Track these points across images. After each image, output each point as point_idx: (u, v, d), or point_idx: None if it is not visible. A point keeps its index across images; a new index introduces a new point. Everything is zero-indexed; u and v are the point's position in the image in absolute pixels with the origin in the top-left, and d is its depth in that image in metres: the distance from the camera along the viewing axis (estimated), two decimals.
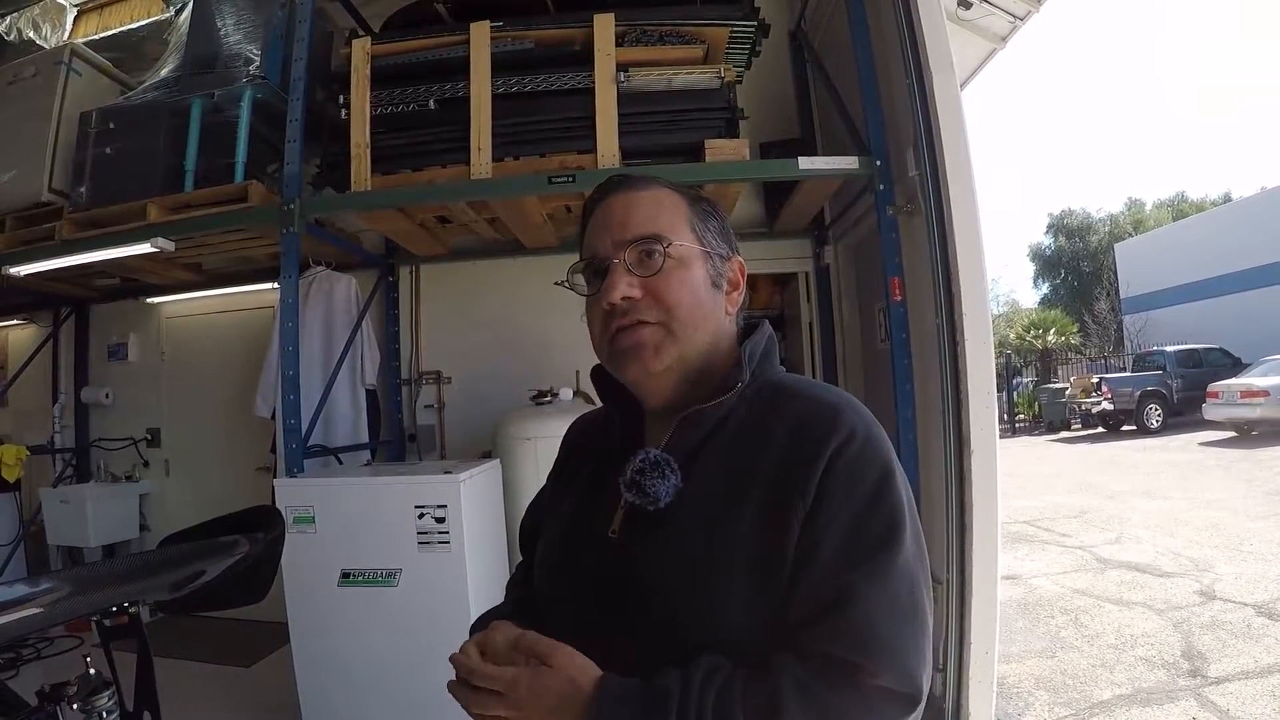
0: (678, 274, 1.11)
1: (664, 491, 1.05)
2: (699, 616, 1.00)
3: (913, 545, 0.98)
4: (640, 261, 1.11)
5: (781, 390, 1.13)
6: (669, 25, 4.27)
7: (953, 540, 3.34)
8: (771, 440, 1.05)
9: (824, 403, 1.07)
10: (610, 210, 1.17)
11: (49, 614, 1.24)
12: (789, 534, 0.98)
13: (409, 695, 3.55)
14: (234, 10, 4.79)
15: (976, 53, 5.70)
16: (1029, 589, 6.26)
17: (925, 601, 0.98)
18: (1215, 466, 12.01)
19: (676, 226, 1.14)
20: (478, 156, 4.09)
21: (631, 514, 1.09)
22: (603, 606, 1.06)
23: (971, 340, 3.32)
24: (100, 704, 1.39)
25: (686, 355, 1.12)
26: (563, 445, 1.43)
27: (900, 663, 0.92)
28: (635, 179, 1.20)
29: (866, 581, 0.93)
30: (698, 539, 1.03)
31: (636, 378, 1.15)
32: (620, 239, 1.13)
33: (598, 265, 1.15)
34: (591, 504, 1.18)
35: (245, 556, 1.58)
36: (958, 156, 3.42)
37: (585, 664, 0.96)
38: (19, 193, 5.02)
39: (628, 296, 1.10)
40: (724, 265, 1.18)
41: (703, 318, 1.12)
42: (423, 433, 5.72)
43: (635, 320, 1.11)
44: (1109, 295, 31.65)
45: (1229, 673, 4.37)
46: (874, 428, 1.05)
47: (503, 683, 0.95)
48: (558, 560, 1.23)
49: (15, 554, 6.02)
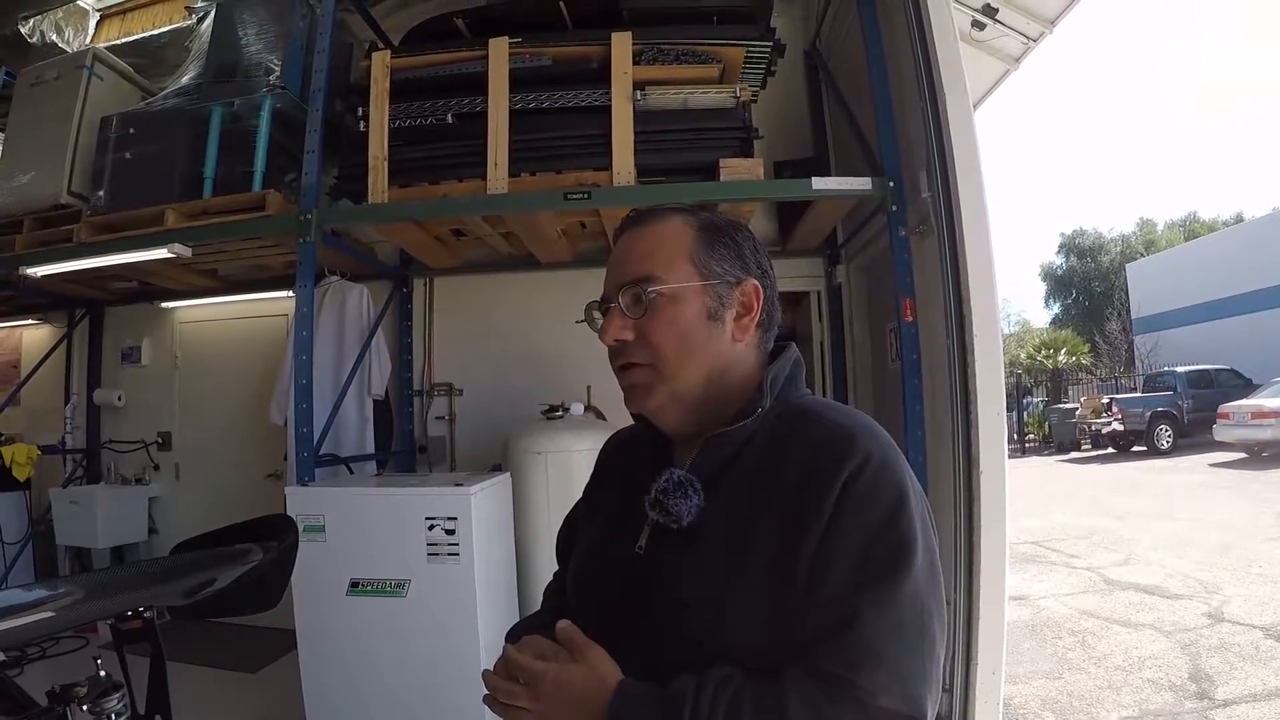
0: (667, 314, 1.14)
1: (686, 511, 1.08)
2: (716, 631, 1.02)
3: (924, 570, 0.99)
4: (633, 303, 1.15)
5: (803, 414, 1.14)
6: (685, 44, 4.31)
7: (961, 560, 3.35)
8: (789, 463, 1.07)
9: (842, 427, 1.08)
10: (617, 249, 1.23)
11: (67, 617, 1.27)
12: (802, 555, 0.99)
13: (414, 705, 3.56)
14: (256, 20, 4.84)
15: (990, 74, 5.74)
16: (1037, 610, 6.24)
17: (935, 626, 0.99)
18: (1225, 488, 11.97)
19: (673, 263, 1.16)
20: (494, 171, 4.12)
21: (657, 531, 1.13)
22: (626, 619, 1.10)
23: (982, 361, 3.33)
24: (110, 706, 1.40)
25: (678, 391, 1.15)
26: (598, 461, 1.47)
27: (904, 685, 0.93)
28: (646, 213, 1.23)
29: (874, 605, 0.95)
30: (717, 557, 1.06)
31: (637, 412, 1.23)
32: (617, 281, 1.18)
33: (603, 305, 1.20)
34: (621, 520, 1.21)
35: (258, 565, 1.60)
36: (970, 178, 3.44)
37: (614, 668, 1.01)
38: (38, 195, 5.06)
39: (619, 339, 1.16)
40: (731, 292, 1.18)
41: (691, 354, 1.14)
42: (433, 444, 5.73)
43: (627, 361, 1.17)
44: (1120, 315, 31.50)
45: (1236, 695, 4.36)
46: (891, 452, 1.06)
47: (531, 673, 1.00)
48: (586, 573, 1.28)
49: (23, 553, 6.06)
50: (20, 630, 1.17)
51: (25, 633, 1.18)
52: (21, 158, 5.21)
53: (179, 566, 1.52)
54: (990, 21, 5.08)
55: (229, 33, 4.87)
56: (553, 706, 0.99)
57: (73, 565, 6.01)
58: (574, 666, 1.00)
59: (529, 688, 1.00)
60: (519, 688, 1.01)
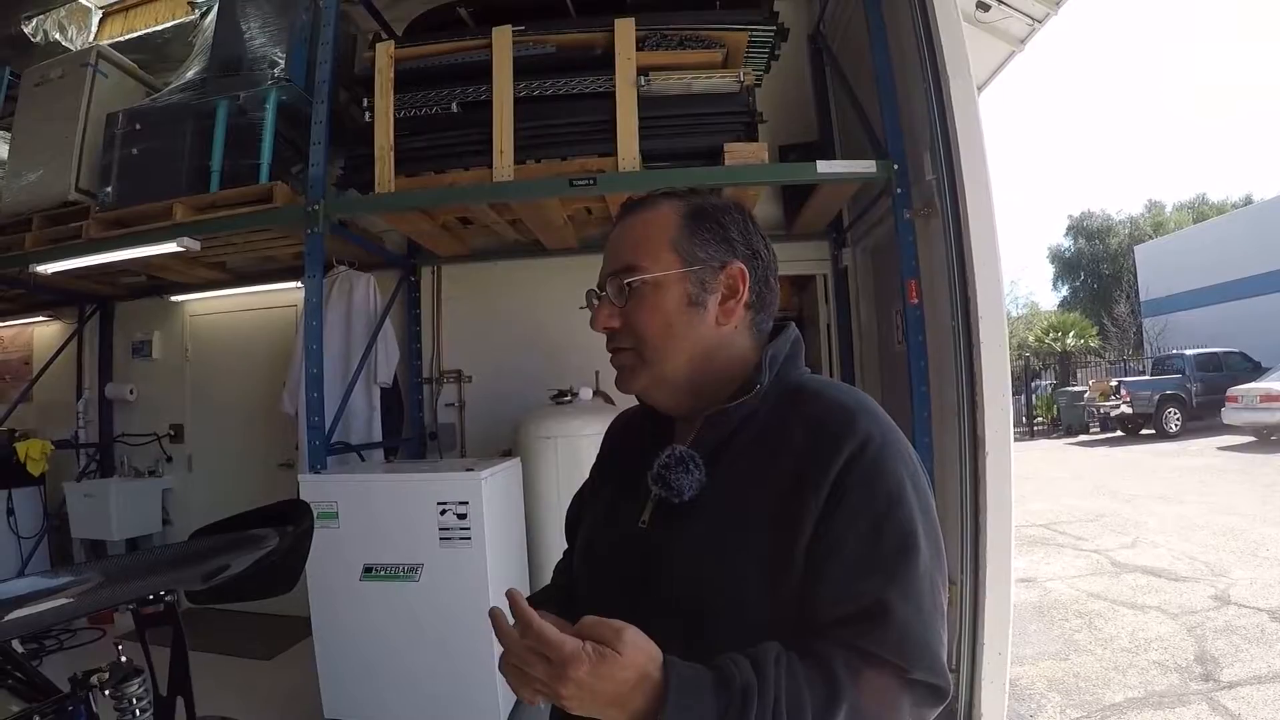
0: (649, 301, 1.18)
1: (688, 485, 1.10)
2: (717, 604, 1.05)
3: (928, 545, 1.02)
4: (618, 292, 1.20)
5: (802, 391, 1.17)
6: (689, 29, 4.30)
7: (967, 542, 3.37)
8: (790, 439, 1.09)
9: (842, 404, 1.11)
10: (610, 238, 1.27)
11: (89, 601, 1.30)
12: (802, 530, 1.02)
13: (428, 688, 3.61)
14: (259, 13, 4.85)
15: (995, 55, 5.71)
16: (1044, 592, 6.26)
17: (942, 593, 1.04)
18: (1233, 471, 11.94)
19: (656, 252, 1.19)
20: (500, 159, 4.13)
21: (659, 506, 1.15)
22: (630, 592, 1.11)
23: (987, 343, 3.34)
24: (131, 690, 1.43)
25: (662, 374, 1.20)
26: (604, 440, 1.50)
27: (932, 658, 0.98)
28: (639, 202, 1.26)
29: (897, 589, 0.98)
30: (718, 531, 1.08)
31: (628, 394, 1.27)
32: (606, 270, 1.23)
33: (597, 294, 1.25)
34: (625, 497, 1.23)
35: (276, 549, 1.63)
36: (974, 160, 3.44)
37: (653, 651, 0.93)
38: (46, 192, 5.08)
39: (608, 326, 1.22)
40: (716, 276, 1.20)
41: (672, 339, 1.18)
42: (443, 431, 5.78)
43: (615, 347, 1.24)
44: (1128, 298, 31.40)
45: (1241, 677, 4.37)
46: (892, 431, 1.09)
47: (561, 653, 0.89)
48: (593, 548, 1.31)
49: (39, 546, 6.13)
50: (44, 615, 1.20)
51: (49, 617, 1.21)
52: (28, 156, 5.23)
53: (198, 551, 1.56)
54: (994, 3, 5.06)
55: (232, 27, 4.87)
56: (584, 693, 0.89)
57: (88, 558, 6.04)
58: (613, 656, 0.89)
59: (554, 668, 0.90)
60: (536, 658, 0.92)
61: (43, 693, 1.56)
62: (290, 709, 4.17)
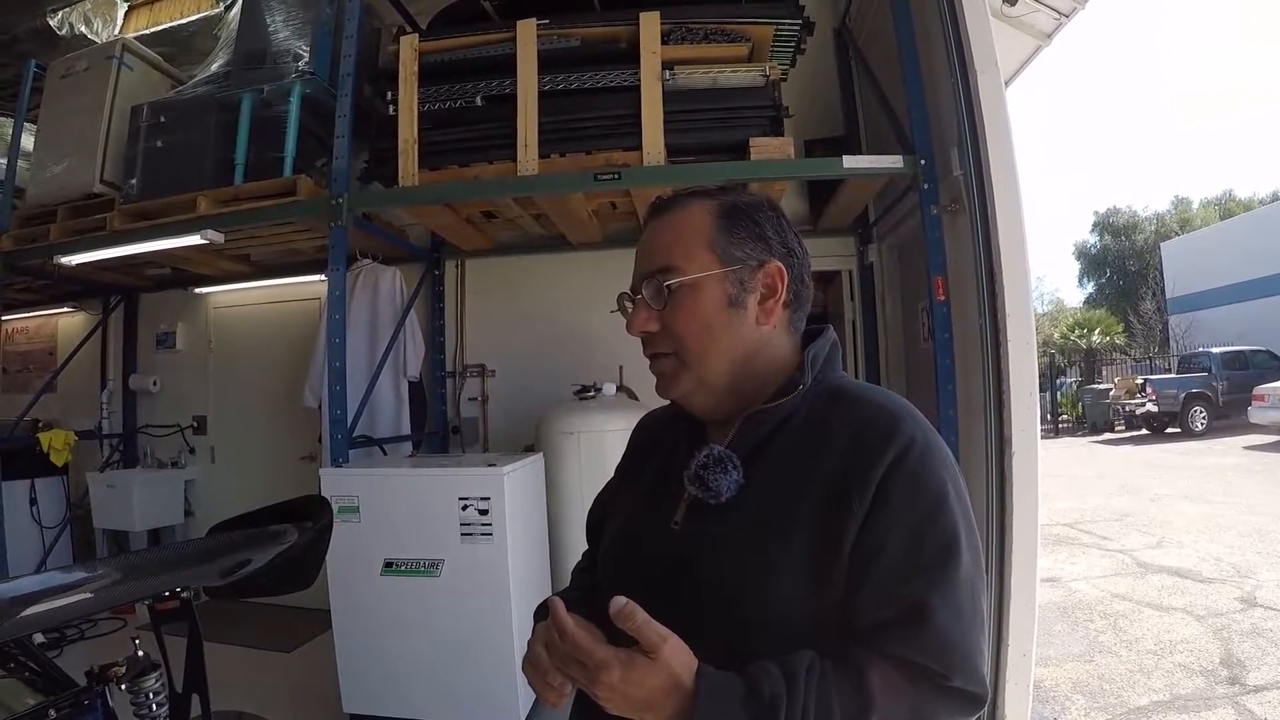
0: (688, 304, 1.14)
1: (726, 486, 1.08)
2: (753, 606, 1.03)
3: (968, 551, 1.01)
4: (655, 295, 1.16)
5: (843, 394, 1.15)
6: (714, 23, 4.28)
7: (992, 541, 3.33)
8: (832, 442, 1.07)
9: (885, 408, 1.09)
10: (642, 239, 1.24)
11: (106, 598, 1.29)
12: (844, 534, 1.00)
13: (448, 684, 3.61)
14: (283, 7, 4.86)
15: (1022, 50, 5.65)
16: (1069, 592, 6.20)
17: (982, 601, 1.02)
18: (1260, 471, 11.81)
19: (692, 252, 1.15)
20: (524, 153, 4.12)
21: (694, 507, 1.13)
22: (663, 594, 1.07)
23: (1014, 341, 3.30)
24: (148, 685, 1.43)
25: (704, 378, 1.17)
26: (631, 440, 1.47)
27: (971, 666, 0.97)
28: (670, 201, 1.23)
29: (938, 594, 0.97)
30: (756, 533, 1.06)
31: (668, 400, 1.24)
32: (641, 272, 1.20)
33: (630, 297, 1.22)
34: (657, 496, 1.22)
35: (294, 545, 1.62)
36: (1002, 155, 3.40)
37: (689, 660, 0.94)
38: (71, 184, 5.13)
39: (645, 330, 1.19)
40: (754, 275, 1.17)
41: (713, 342, 1.15)
42: (466, 425, 5.78)
43: (654, 352, 1.20)
44: (1154, 295, 31.12)
45: (1268, 681, 4.31)
46: (933, 435, 1.07)
47: (592, 659, 0.93)
48: (622, 549, 1.27)
49: (62, 536, 6.18)
50: (61, 611, 1.19)
51: (66, 613, 1.21)
52: (54, 148, 5.29)
53: (216, 547, 1.55)
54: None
55: (257, 20, 4.89)
56: (616, 696, 0.92)
57: (110, 548, 6.10)
58: (645, 662, 0.91)
59: (589, 672, 0.93)
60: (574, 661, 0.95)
61: (59, 686, 1.56)
62: (310, 703, 4.18)
